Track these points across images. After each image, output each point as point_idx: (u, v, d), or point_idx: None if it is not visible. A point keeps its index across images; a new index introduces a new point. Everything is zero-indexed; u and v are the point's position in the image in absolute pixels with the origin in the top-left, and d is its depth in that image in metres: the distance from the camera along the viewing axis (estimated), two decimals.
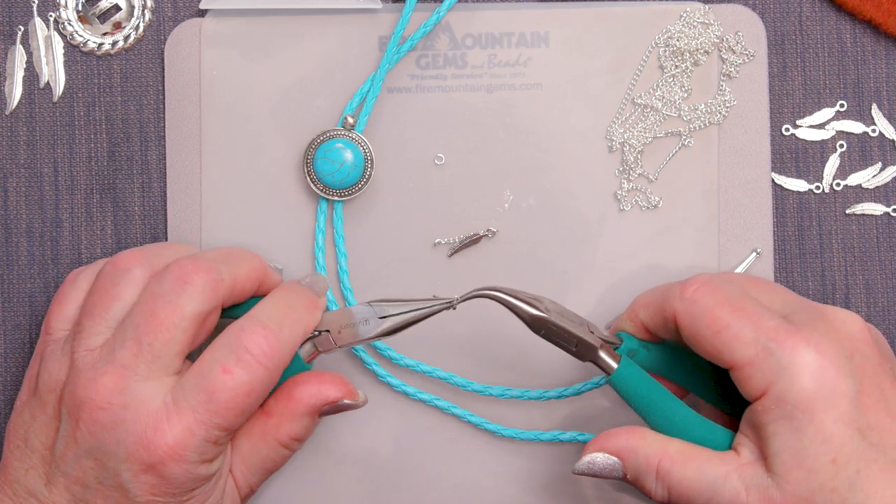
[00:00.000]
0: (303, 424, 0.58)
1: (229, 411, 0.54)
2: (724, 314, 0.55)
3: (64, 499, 0.56)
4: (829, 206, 0.65)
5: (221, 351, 0.55)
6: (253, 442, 0.58)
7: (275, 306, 0.58)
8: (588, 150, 0.65)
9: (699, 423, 0.56)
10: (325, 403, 0.58)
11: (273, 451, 0.58)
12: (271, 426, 0.58)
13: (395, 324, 0.58)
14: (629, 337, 0.59)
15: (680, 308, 0.56)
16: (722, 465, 0.54)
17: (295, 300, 0.58)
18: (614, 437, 0.57)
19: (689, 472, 0.55)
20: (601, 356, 0.57)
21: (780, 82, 0.65)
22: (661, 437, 0.56)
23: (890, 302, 0.65)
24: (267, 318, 0.56)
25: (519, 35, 0.65)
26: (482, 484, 0.64)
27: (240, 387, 0.55)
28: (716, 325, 0.55)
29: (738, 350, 0.54)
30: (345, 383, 0.59)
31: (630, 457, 0.56)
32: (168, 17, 0.65)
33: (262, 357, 0.55)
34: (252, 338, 0.55)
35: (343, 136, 0.64)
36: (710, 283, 0.56)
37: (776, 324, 0.54)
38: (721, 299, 0.55)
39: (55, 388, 0.57)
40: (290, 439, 0.58)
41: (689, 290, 0.56)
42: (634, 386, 0.57)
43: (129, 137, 0.65)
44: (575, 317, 0.58)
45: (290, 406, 0.58)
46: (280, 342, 0.56)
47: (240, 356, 0.55)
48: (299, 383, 0.58)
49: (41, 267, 0.65)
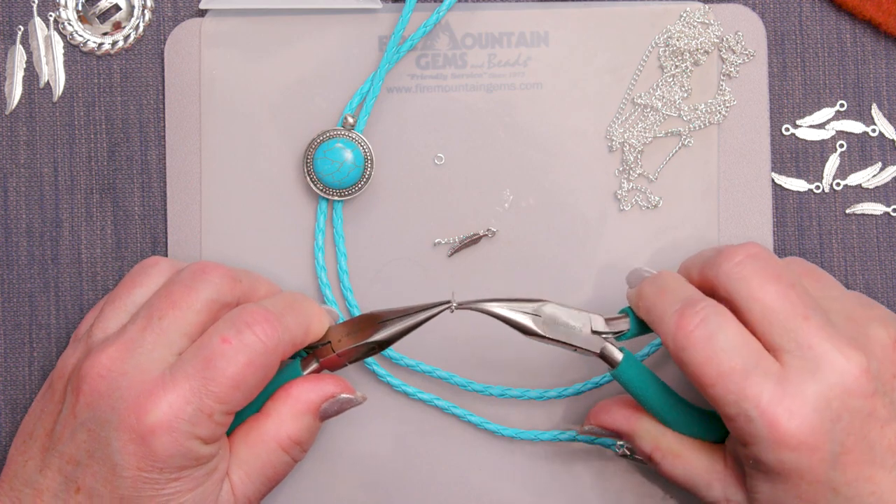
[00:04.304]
0: (303, 424, 0.58)
1: (225, 381, 0.54)
2: (715, 367, 0.54)
3: (55, 482, 0.56)
4: (829, 206, 0.65)
5: (223, 325, 0.56)
6: (251, 445, 0.58)
7: (281, 300, 0.58)
8: (588, 149, 0.65)
9: (695, 417, 0.58)
10: (323, 399, 0.58)
11: (273, 454, 0.58)
12: (270, 427, 0.58)
13: (393, 332, 0.58)
14: (632, 312, 0.58)
15: (676, 356, 0.55)
16: (707, 473, 0.57)
17: (303, 303, 0.59)
18: (612, 414, 0.59)
19: (678, 470, 0.58)
20: (604, 355, 0.58)
21: (779, 82, 0.65)
22: (655, 429, 0.58)
23: (890, 302, 0.65)
24: (271, 306, 0.57)
25: (519, 35, 0.65)
26: (482, 484, 0.64)
27: (237, 356, 0.54)
28: (707, 379, 0.54)
29: (721, 401, 0.54)
30: (342, 380, 0.59)
31: (624, 438, 0.59)
32: (168, 17, 0.65)
33: (261, 334, 0.55)
34: (253, 315, 0.56)
35: (343, 135, 0.64)
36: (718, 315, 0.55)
37: (759, 388, 0.53)
38: (707, 336, 0.54)
39: (65, 375, 0.58)
40: (290, 441, 0.58)
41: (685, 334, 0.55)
42: (635, 381, 0.58)
43: (129, 137, 0.65)
44: (576, 314, 0.58)
45: (289, 403, 0.58)
46: (281, 327, 0.56)
47: (239, 329, 0.55)
48: (296, 383, 0.58)
49: (41, 267, 0.65)
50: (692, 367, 0.54)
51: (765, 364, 0.53)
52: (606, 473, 0.64)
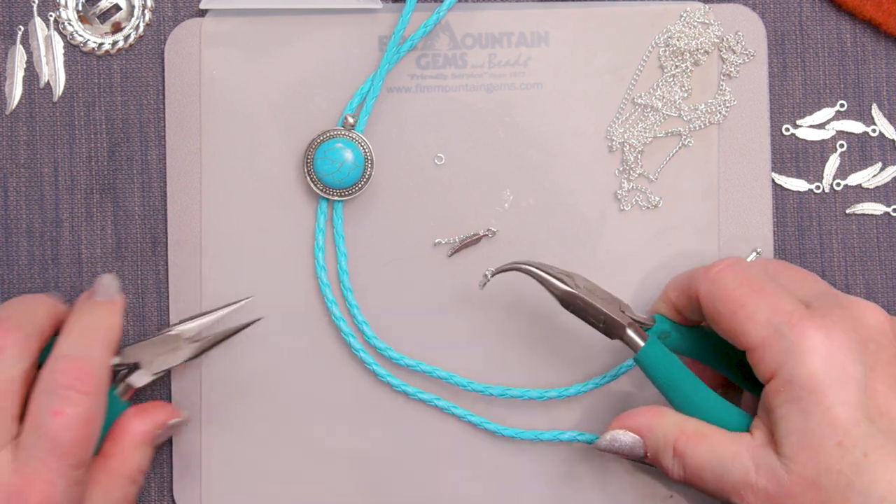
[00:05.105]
0: (144, 455, 0.60)
1: (77, 447, 0.55)
2: (742, 294, 0.56)
3: None
4: (829, 206, 0.65)
5: (44, 398, 0.56)
6: (103, 487, 0.59)
7: (74, 333, 0.58)
8: (588, 149, 0.65)
9: (719, 405, 0.57)
10: (157, 428, 0.61)
11: (125, 488, 0.60)
12: (115, 466, 0.59)
13: (205, 345, 0.61)
14: (662, 319, 0.60)
15: (703, 288, 0.57)
16: (733, 444, 0.55)
17: (90, 317, 0.59)
18: (636, 415, 0.58)
19: (703, 451, 0.56)
20: (629, 334, 0.58)
21: (780, 82, 0.65)
22: (680, 417, 0.57)
23: (890, 301, 0.65)
24: (72, 349, 0.57)
25: (519, 35, 0.65)
26: (482, 483, 0.64)
27: (76, 421, 0.55)
28: (733, 305, 0.55)
29: (751, 331, 0.55)
30: (166, 406, 0.62)
31: (649, 435, 0.58)
32: (168, 17, 0.65)
33: (82, 387, 0.56)
34: (66, 374, 0.56)
35: (343, 135, 0.64)
36: (734, 265, 0.57)
37: (792, 307, 0.55)
38: (742, 280, 0.56)
39: None
40: (136, 472, 0.60)
41: (713, 271, 0.57)
42: (658, 364, 0.58)
43: (129, 137, 0.65)
44: (607, 295, 0.59)
45: (127, 440, 0.60)
46: (93, 364, 0.57)
47: (63, 395, 0.55)
48: (127, 418, 0.60)
49: (41, 267, 0.65)
50: (723, 299, 0.55)
51: (793, 298, 0.56)
52: (607, 473, 0.64)
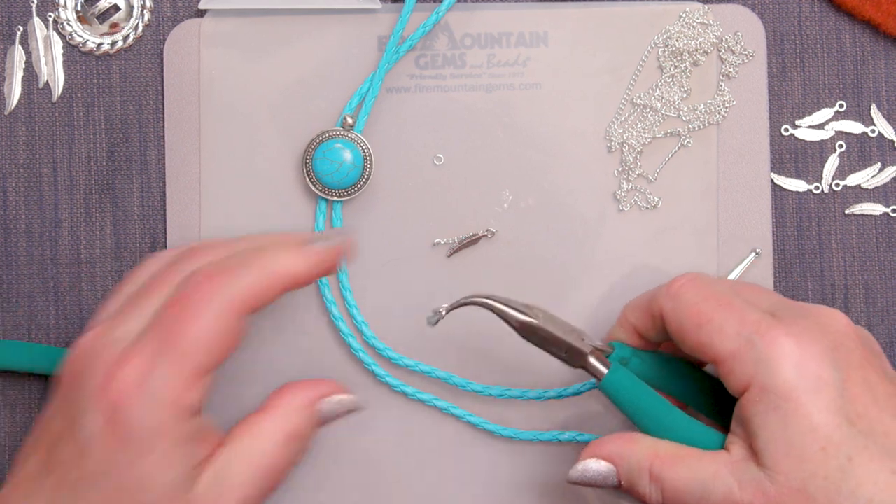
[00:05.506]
0: (304, 420, 0.57)
1: (183, 337, 0.53)
2: (708, 308, 0.55)
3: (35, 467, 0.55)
4: (829, 207, 0.65)
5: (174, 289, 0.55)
6: (255, 436, 0.56)
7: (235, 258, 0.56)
8: (587, 150, 0.65)
9: (690, 425, 0.56)
10: (320, 396, 0.58)
11: (276, 447, 0.56)
12: (273, 420, 0.57)
13: None
14: (621, 345, 0.59)
15: (666, 305, 0.56)
16: (712, 463, 0.54)
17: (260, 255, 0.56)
18: (606, 442, 0.57)
19: (681, 472, 0.54)
20: (591, 362, 0.57)
21: (779, 82, 0.65)
22: (652, 440, 0.56)
23: (889, 302, 0.65)
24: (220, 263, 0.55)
25: (518, 35, 0.65)
26: (481, 484, 0.64)
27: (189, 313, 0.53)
28: (699, 319, 0.55)
29: (720, 343, 0.54)
30: (333, 382, 0.58)
31: (622, 462, 0.56)
32: (167, 17, 0.65)
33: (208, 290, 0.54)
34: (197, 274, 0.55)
35: (342, 136, 0.64)
36: (695, 280, 0.57)
37: (759, 317, 0.54)
38: (706, 294, 0.56)
39: None
40: (292, 434, 0.57)
41: (674, 287, 0.57)
42: (624, 391, 0.56)
43: (129, 137, 0.65)
44: (566, 325, 0.58)
45: (286, 397, 0.57)
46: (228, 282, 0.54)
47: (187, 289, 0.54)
48: (294, 382, 0.58)
49: (40, 267, 0.65)
50: (688, 313, 0.55)
51: (759, 309, 0.55)
52: None
